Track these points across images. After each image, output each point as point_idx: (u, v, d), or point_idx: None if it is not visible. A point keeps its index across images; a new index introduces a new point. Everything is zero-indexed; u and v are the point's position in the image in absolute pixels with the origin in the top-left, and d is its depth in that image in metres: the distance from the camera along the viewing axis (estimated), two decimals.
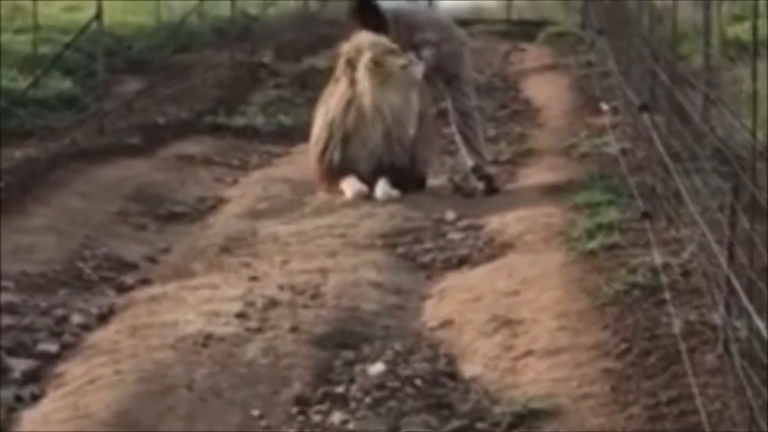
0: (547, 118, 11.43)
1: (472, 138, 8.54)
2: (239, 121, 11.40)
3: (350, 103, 8.14)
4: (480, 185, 8.40)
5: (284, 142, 10.84)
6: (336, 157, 8.13)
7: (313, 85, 11.65)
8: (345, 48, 8.25)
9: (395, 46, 8.14)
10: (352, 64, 8.13)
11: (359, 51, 8.12)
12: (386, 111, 8.07)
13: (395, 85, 8.09)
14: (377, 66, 8.03)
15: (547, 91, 13.01)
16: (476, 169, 8.46)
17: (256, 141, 10.90)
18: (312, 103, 9.14)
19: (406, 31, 8.34)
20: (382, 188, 8.01)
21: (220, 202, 8.46)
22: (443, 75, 8.53)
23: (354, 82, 8.13)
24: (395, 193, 8.01)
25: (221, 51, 15.17)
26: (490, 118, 11.20)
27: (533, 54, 17.04)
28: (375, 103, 8.05)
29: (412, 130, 8.25)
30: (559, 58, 15.61)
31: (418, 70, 8.19)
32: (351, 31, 8.53)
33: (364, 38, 8.19)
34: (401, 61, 8.08)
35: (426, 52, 8.24)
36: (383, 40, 8.16)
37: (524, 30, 20.03)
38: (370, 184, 8.04)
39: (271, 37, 17.06)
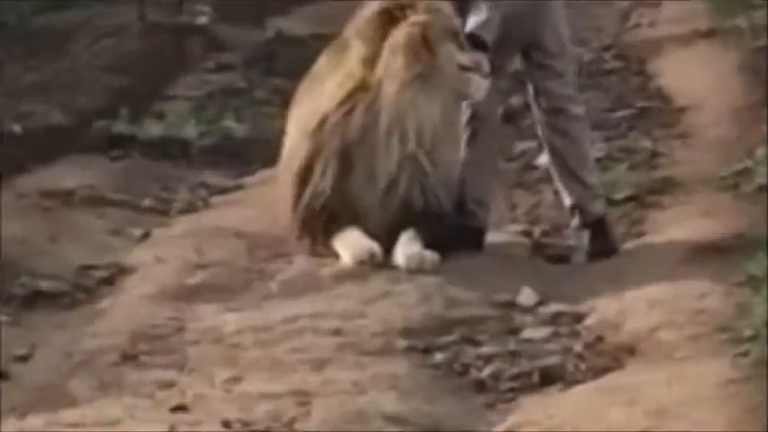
0: (697, 124, 11.48)
1: (569, 154, 8.53)
2: (154, 129, 11.44)
3: (357, 91, 8.19)
4: (584, 240, 8.41)
5: (233, 166, 10.90)
6: (326, 189, 8.20)
7: (284, 65, 11.71)
8: None
9: (460, 30, 8.17)
10: (388, 21, 8.11)
11: (411, 5, 8.14)
12: (409, 124, 8.10)
13: (438, 90, 8.14)
14: (425, 46, 8.08)
15: (697, 76, 13.06)
16: (576, 209, 8.46)
17: (183, 165, 10.95)
18: (284, 97, 9.18)
19: None
20: (408, 248, 8.07)
21: (121, 272, 8.51)
22: (516, 45, 8.51)
23: (374, 60, 8.19)
24: (429, 256, 8.07)
25: (124, 8, 15.27)
26: (598, 123, 11.26)
27: (673, 12, 17.14)
28: (399, 104, 8.08)
29: (457, 153, 8.28)
30: (719, 19, 15.69)
31: (482, 85, 8.15)
32: None
33: None
34: (463, 58, 8.12)
35: (479, 14, 8.22)
36: (450, 9, 8.20)
37: None
38: (387, 240, 8.12)
39: None
